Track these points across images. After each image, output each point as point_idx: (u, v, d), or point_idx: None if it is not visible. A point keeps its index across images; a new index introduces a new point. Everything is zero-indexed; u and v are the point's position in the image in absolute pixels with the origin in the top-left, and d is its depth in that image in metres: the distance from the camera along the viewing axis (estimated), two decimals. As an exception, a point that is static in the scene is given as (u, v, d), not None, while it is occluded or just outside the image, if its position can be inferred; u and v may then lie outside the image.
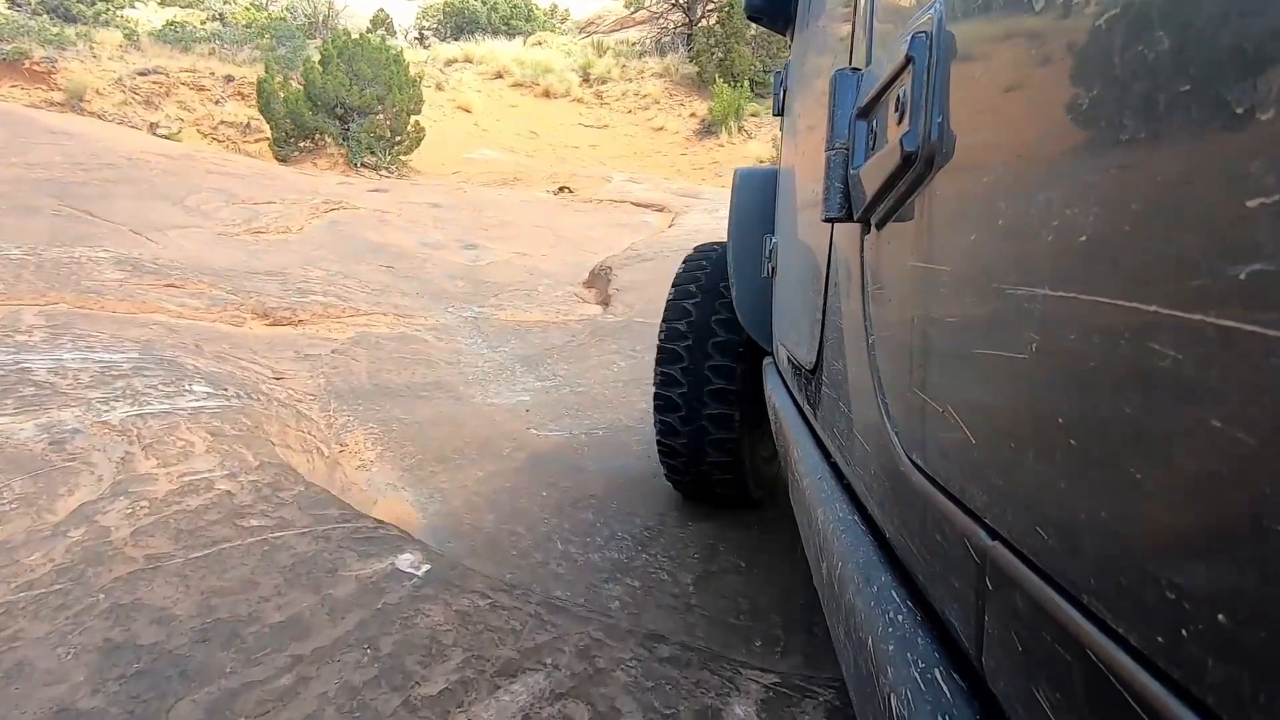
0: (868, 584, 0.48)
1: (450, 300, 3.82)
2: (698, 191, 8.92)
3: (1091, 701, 0.24)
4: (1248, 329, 0.18)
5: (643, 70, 17.01)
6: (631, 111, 16.04)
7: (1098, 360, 0.24)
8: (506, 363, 2.96)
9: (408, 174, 10.90)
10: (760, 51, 15.23)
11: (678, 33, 17.62)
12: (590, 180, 10.32)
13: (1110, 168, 0.24)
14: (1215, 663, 0.19)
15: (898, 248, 0.50)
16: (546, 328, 3.40)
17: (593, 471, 1.94)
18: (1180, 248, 0.21)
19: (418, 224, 6.28)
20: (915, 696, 0.36)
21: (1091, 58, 0.26)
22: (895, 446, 0.48)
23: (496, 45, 18.60)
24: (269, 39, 14.56)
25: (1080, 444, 0.26)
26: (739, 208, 1.57)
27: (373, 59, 10.01)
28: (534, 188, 10.13)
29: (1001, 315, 0.32)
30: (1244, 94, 0.18)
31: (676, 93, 16.17)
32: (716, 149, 13.68)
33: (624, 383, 2.74)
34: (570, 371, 2.87)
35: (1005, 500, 0.32)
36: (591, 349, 3.12)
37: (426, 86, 16.01)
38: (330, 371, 2.49)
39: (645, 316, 3.48)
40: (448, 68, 17.56)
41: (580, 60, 17.62)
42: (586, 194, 9.30)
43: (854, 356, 0.63)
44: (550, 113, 16.27)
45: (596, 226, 6.68)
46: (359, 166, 10.11)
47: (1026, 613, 0.29)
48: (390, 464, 1.78)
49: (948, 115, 0.40)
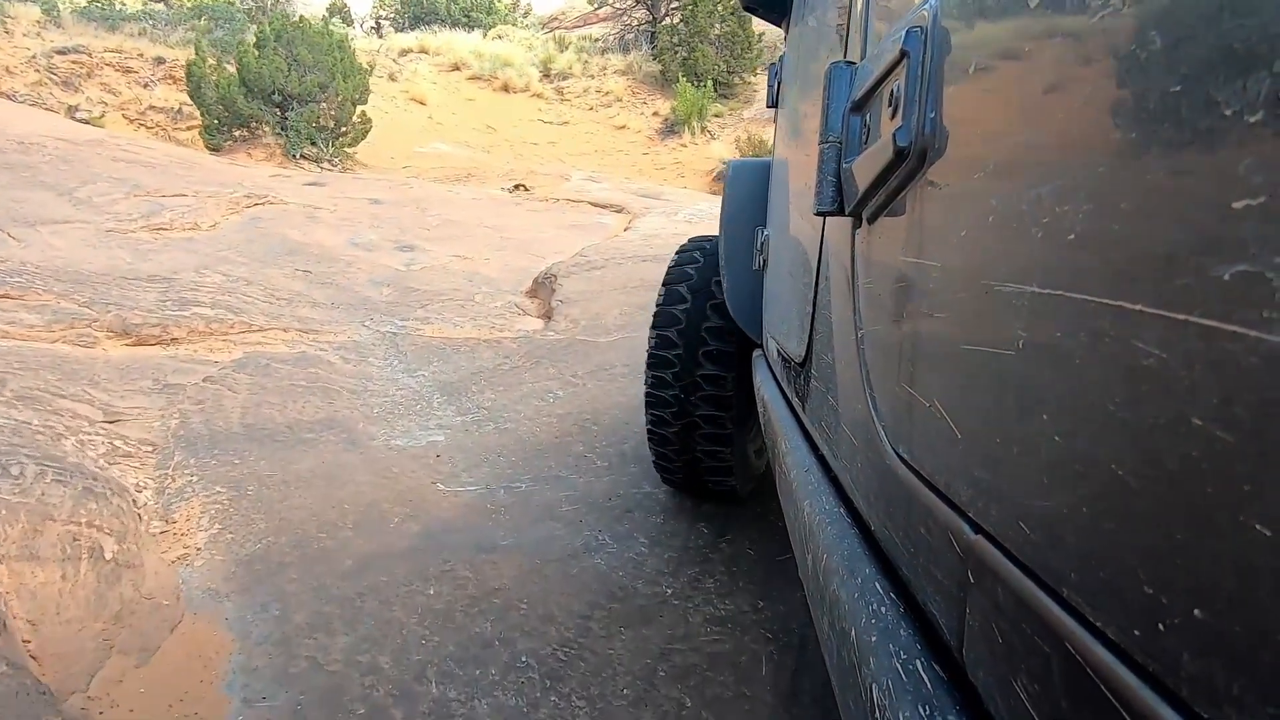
0: (852, 576, 0.48)
1: (371, 312, 3.35)
2: (659, 192, 8.55)
3: (1069, 693, 0.25)
4: (1230, 329, 0.18)
5: (605, 67, 16.58)
6: (593, 109, 15.61)
7: (1083, 357, 0.25)
8: (424, 391, 2.52)
9: (352, 167, 10.26)
10: (724, 52, 14.96)
11: (641, 30, 17.26)
12: (548, 178, 9.86)
13: (1099, 167, 0.25)
14: (1190, 656, 0.19)
15: (889, 242, 0.50)
16: (477, 346, 2.96)
17: (505, 548, 1.53)
18: (1166, 247, 0.21)
19: (351, 222, 5.75)
20: (896, 687, 0.36)
21: (1083, 57, 0.26)
22: (882, 440, 0.48)
23: (454, 37, 17.95)
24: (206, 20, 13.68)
25: (1064, 440, 0.26)
26: (731, 199, 1.54)
27: (314, 44, 9.35)
28: (489, 184, 9.64)
29: (990, 311, 0.33)
30: (1232, 96, 0.18)
31: (639, 91, 15.80)
32: (679, 149, 13.34)
33: (559, 417, 2.33)
34: (498, 403, 2.45)
35: (989, 495, 0.32)
36: (526, 374, 2.69)
37: (378, 77, 15.33)
38: (191, 408, 2.01)
39: (590, 334, 3.08)
40: (402, 58, 16.85)
41: (541, 55, 17.10)
42: (543, 192, 8.86)
43: (843, 350, 0.63)
44: (509, 107, 15.72)
45: (549, 227, 6.24)
46: (297, 158, 9.44)
47: (1008, 606, 0.29)
48: (224, 552, 1.34)
49: (941, 111, 0.40)
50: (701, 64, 14.56)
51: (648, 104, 15.30)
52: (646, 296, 3.50)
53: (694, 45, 14.85)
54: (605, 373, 2.68)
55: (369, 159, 11.16)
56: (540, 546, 1.56)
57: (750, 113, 14.47)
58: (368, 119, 10.43)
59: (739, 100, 14.95)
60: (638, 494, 1.85)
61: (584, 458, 2.05)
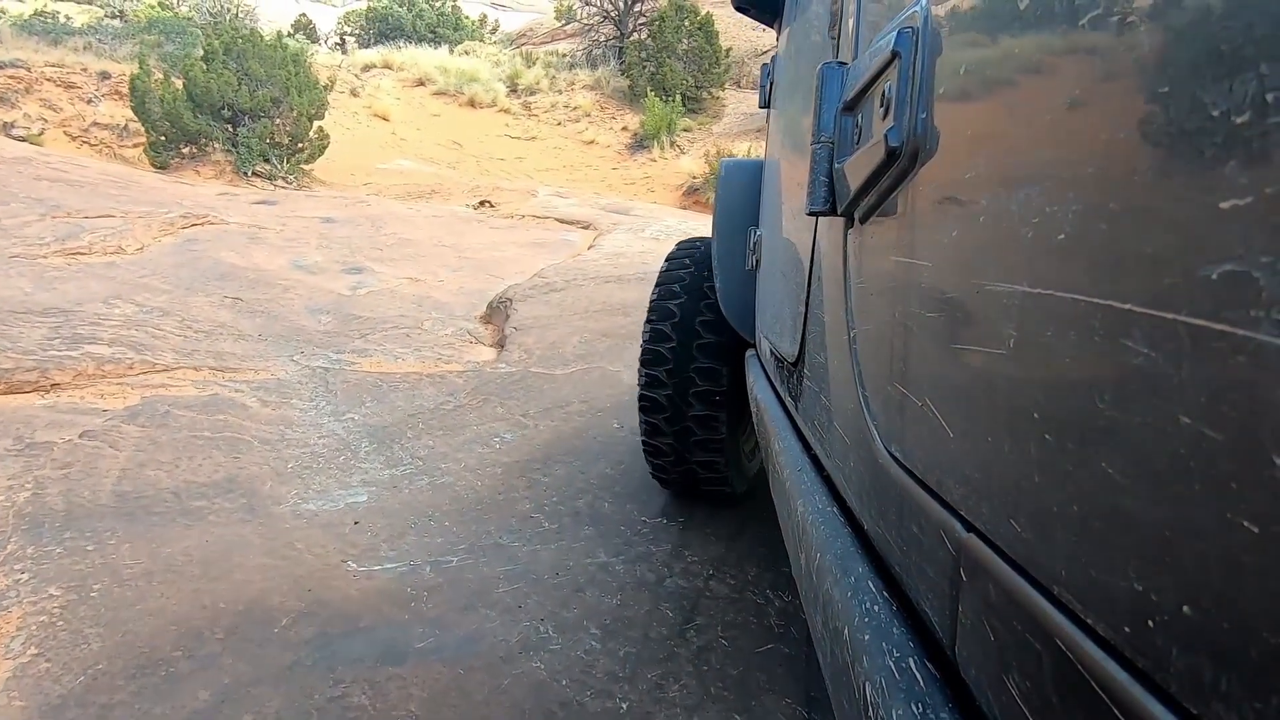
0: (845, 575, 0.48)
1: (303, 344, 3.01)
2: (628, 208, 8.31)
3: (1061, 691, 0.25)
4: (1218, 328, 0.18)
5: (573, 82, 16.42)
6: (561, 124, 15.41)
7: (1073, 356, 0.25)
8: (351, 438, 2.20)
9: (309, 185, 9.87)
10: (692, 67, 14.90)
11: (609, 45, 17.16)
12: (514, 194, 9.59)
13: (1089, 167, 0.25)
14: (1179, 653, 0.19)
15: (880, 242, 0.50)
16: (418, 382, 2.65)
17: (420, 654, 1.23)
18: (1155, 247, 0.21)
19: (298, 242, 5.39)
20: (889, 685, 0.37)
21: (1074, 57, 0.26)
22: (874, 439, 0.48)
23: (419, 52, 17.66)
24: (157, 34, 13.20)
25: (1055, 439, 0.26)
26: (724, 199, 1.53)
27: (266, 57, 8.98)
28: (453, 201, 9.33)
29: (981, 311, 0.33)
30: (1221, 97, 0.18)
31: (608, 106, 15.65)
32: (649, 164, 13.19)
33: (505, 467, 2.03)
34: (436, 450, 2.14)
35: (981, 493, 0.33)
36: (470, 414, 2.39)
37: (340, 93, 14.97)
38: (52, 475, 1.67)
39: (546, 366, 2.79)
40: (364, 74, 16.51)
41: (508, 70, 16.89)
42: (509, 209, 8.57)
43: (835, 350, 0.63)
44: (475, 123, 15.46)
45: (511, 246, 5.95)
46: (249, 176, 9.03)
47: (999, 604, 0.30)
48: (28, 694, 1.00)
49: (932, 111, 0.40)
50: (670, 79, 14.47)
51: (616, 119, 15.14)
52: (609, 322, 3.22)
53: (662, 60, 14.77)
54: (560, 411, 2.39)
55: (329, 176, 10.78)
56: (465, 648, 1.26)
57: (720, 127, 14.40)
58: (325, 135, 10.06)
59: (708, 115, 14.88)
60: (591, 565, 1.57)
61: (530, 519, 1.76)
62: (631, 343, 2.97)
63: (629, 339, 3.00)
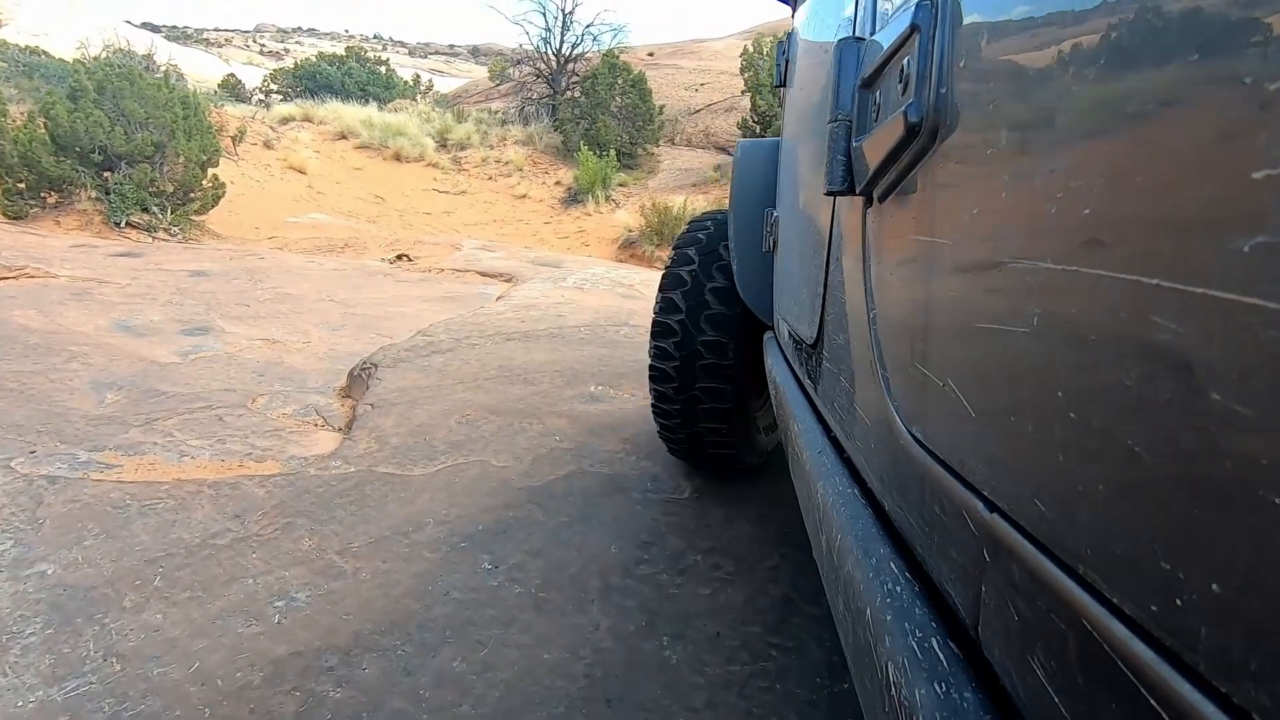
0: (866, 556, 0.48)
1: (48, 435, 2.06)
2: (559, 260, 7.58)
3: (1086, 669, 0.25)
4: (1249, 302, 0.18)
5: (505, 137, 15.97)
6: (493, 178, 14.83)
7: (1099, 334, 0.25)
8: (19, 611, 1.27)
9: (198, 237, 8.79)
10: (626, 123, 14.70)
11: (542, 103, 16.90)
12: (437, 248, 8.78)
13: (1116, 140, 0.24)
14: (1208, 630, 0.19)
15: (900, 221, 0.50)
16: (194, 496, 1.74)
17: None
18: (1184, 220, 0.20)
19: (141, 299, 4.39)
20: (912, 664, 0.36)
21: (1099, 27, 0.25)
22: (895, 420, 0.48)
23: (343, 107, 16.94)
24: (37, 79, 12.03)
25: (1080, 417, 0.26)
26: (740, 181, 1.51)
27: (147, 97, 8.02)
28: (367, 255, 8.43)
29: (1004, 289, 0.32)
30: (1254, 65, 0.18)
31: (540, 161, 15.21)
32: (583, 217, 12.66)
33: (273, 666, 1.15)
34: (155, 639, 1.23)
35: (1004, 474, 0.32)
36: (254, 554, 1.50)
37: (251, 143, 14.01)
38: None
39: (401, 461, 1.92)
40: (282, 126, 15.62)
41: (438, 125, 16.32)
42: (429, 263, 7.74)
43: (855, 331, 0.63)
44: (401, 177, 14.71)
45: (416, 301, 5.09)
46: (122, 226, 7.90)
47: (1024, 583, 0.29)
48: None
49: (952, 86, 0.40)
50: (604, 134, 14.18)
51: (549, 173, 14.67)
52: (503, 394, 2.39)
53: (595, 117, 14.50)
54: (402, 542, 1.53)
55: (229, 230, 9.72)
56: None
57: (655, 182, 14.09)
58: (221, 184, 9.06)
59: (643, 171, 14.59)
60: None
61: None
62: (531, 422, 2.15)
63: (528, 417, 2.18)
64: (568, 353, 2.80)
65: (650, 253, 9.73)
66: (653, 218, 9.86)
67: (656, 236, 9.78)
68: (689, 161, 14.96)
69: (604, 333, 3.07)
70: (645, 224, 9.99)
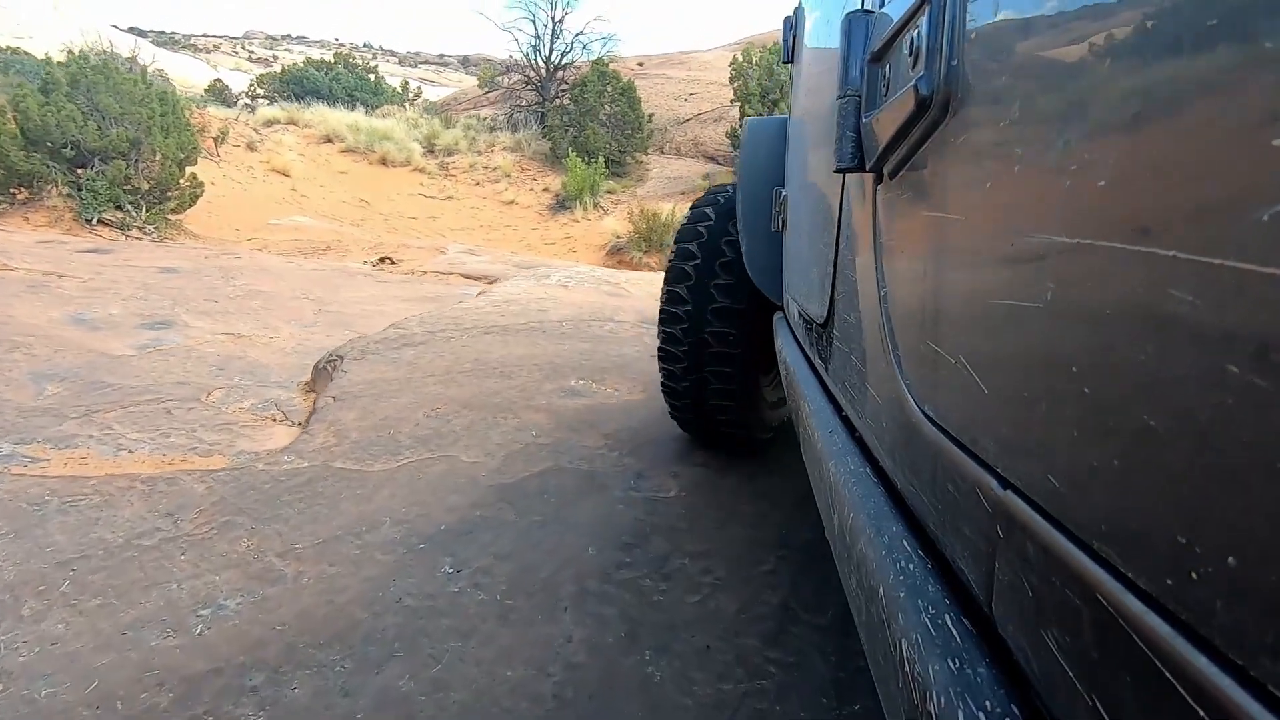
0: (879, 534, 0.48)
1: (-29, 428, 1.86)
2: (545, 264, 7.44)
3: (1101, 645, 0.25)
4: (1268, 272, 0.17)
5: (493, 144, 15.84)
6: (480, 184, 14.68)
7: (1115, 307, 0.24)
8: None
9: (175, 236, 8.55)
10: (615, 131, 14.62)
11: (531, 110, 16.81)
12: (421, 251, 8.61)
13: (1130, 109, 0.23)
14: (1224, 604, 0.19)
15: (911, 198, 0.49)
16: (124, 493, 1.56)
17: None
18: (1201, 190, 0.20)
19: (103, 293, 4.19)
20: (925, 641, 0.36)
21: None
22: (907, 398, 0.48)
23: (329, 111, 16.73)
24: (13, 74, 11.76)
25: (1094, 392, 0.26)
26: (748, 159, 1.49)
27: (123, 93, 7.80)
28: (350, 258, 8.26)
29: (1017, 264, 0.32)
30: (1274, 28, 0.17)
31: (529, 167, 15.08)
32: (570, 224, 12.53)
33: (176, 695, 0.98)
34: (52, 652, 1.05)
35: (1017, 450, 0.32)
36: (184, 555, 1.32)
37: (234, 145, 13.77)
38: None
39: (360, 456, 1.75)
40: (266, 128, 15.38)
41: (426, 130, 16.15)
42: (412, 265, 7.57)
43: (866, 309, 0.63)
44: (387, 181, 14.52)
45: (395, 301, 4.91)
46: (94, 224, 7.65)
47: (1037, 559, 0.29)
48: None
49: (964, 58, 0.39)
50: (592, 141, 14.09)
51: (537, 180, 14.54)
52: (478, 387, 2.23)
53: (584, 125, 14.41)
54: (353, 543, 1.36)
55: (208, 230, 9.48)
56: None
57: (644, 190, 13.99)
58: (199, 183, 8.84)
59: (631, 178, 14.50)
60: None
61: None
62: (506, 416, 1.98)
63: (503, 412, 2.02)
64: (548, 346, 2.64)
65: (638, 259, 9.61)
66: (641, 224, 9.74)
67: (645, 243, 9.66)
68: (678, 170, 14.91)
69: (587, 327, 2.92)
70: (633, 230, 9.87)
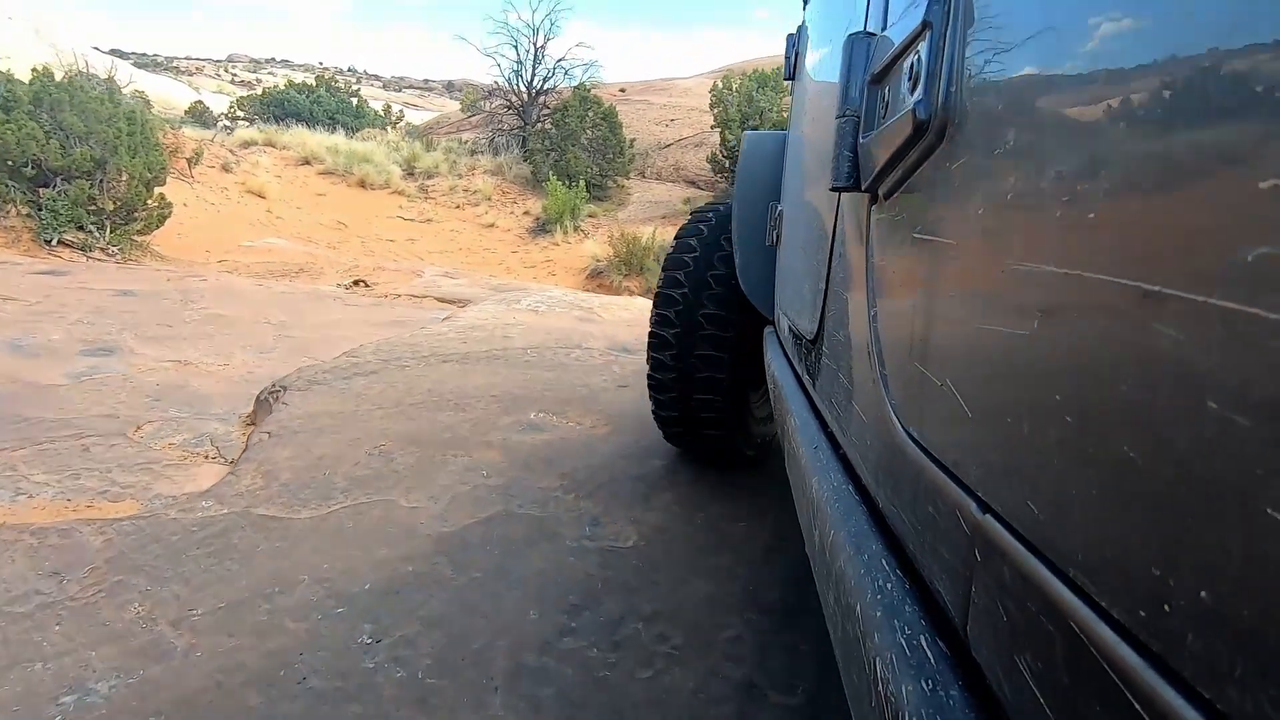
0: (858, 552, 0.48)
1: None
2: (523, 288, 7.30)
3: (1073, 672, 0.25)
4: (1250, 312, 0.18)
5: (474, 167, 15.77)
6: (460, 207, 14.57)
7: (1100, 339, 0.25)
8: None
9: (141, 258, 8.30)
10: (596, 155, 14.64)
11: (512, 134, 16.81)
12: (398, 274, 8.45)
13: (1123, 145, 0.24)
14: (1195, 638, 0.19)
15: (904, 219, 0.50)
16: (13, 543, 1.37)
17: None
18: (1189, 228, 0.21)
19: (46, 317, 3.97)
20: (900, 661, 0.37)
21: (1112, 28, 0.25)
22: (892, 418, 0.49)
23: (308, 133, 16.59)
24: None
25: (1076, 421, 0.26)
26: (745, 173, 1.50)
27: (88, 111, 7.61)
28: (323, 280, 8.07)
29: (1006, 291, 0.32)
30: (1263, 73, 0.18)
31: (509, 191, 15.02)
32: (551, 247, 12.44)
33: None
34: None
35: (999, 475, 0.32)
36: (53, 628, 1.13)
37: (209, 166, 13.55)
38: None
39: (287, 502, 1.57)
40: (243, 150, 15.19)
41: (406, 153, 16.06)
42: (387, 288, 7.40)
43: (855, 328, 0.64)
44: (365, 204, 14.35)
45: (362, 325, 4.73)
46: (54, 244, 7.40)
47: (1013, 584, 0.29)
48: None
49: (963, 84, 0.40)
50: (573, 165, 14.07)
51: (518, 203, 14.47)
52: (428, 422, 2.07)
53: (565, 149, 14.41)
54: (262, 605, 1.19)
55: (176, 251, 9.24)
56: None
57: (625, 214, 13.97)
58: (167, 204, 8.63)
59: (612, 202, 14.49)
60: None
61: None
62: (456, 454, 1.83)
63: (453, 448, 1.86)
64: (510, 375, 2.49)
65: (618, 282, 9.51)
66: (621, 247, 9.66)
67: (625, 266, 9.58)
68: (659, 194, 14.93)
69: (553, 355, 2.77)
70: (614, 254, 9.79)
